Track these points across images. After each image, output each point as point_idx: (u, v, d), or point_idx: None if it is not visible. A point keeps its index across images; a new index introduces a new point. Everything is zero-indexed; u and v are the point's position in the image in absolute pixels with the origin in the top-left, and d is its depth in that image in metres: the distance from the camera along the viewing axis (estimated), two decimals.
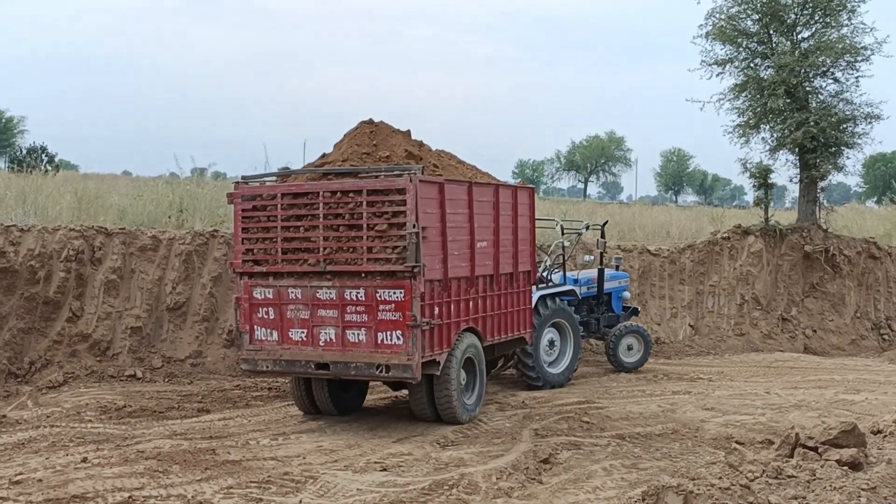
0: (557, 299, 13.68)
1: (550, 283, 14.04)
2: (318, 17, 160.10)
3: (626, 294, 15.71)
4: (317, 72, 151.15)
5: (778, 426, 10.70)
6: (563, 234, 14.64)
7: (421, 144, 11.44)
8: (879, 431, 8.95)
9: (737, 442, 10.14)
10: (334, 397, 11.09)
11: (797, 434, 7.21)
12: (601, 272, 15.13)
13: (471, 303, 10.79)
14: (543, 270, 14.22)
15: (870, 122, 19.31)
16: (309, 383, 10.96)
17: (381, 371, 9.86)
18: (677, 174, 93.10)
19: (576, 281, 14.75)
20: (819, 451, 7.01)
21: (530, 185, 13.11)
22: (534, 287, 12.97)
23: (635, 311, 15.83)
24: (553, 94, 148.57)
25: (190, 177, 19.63)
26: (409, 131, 11.44)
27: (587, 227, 15.32)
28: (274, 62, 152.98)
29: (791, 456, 7.23)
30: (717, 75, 20.15)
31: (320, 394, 11.03)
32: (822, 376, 14.72)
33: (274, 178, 10.89)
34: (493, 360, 12.99)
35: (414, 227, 9.59)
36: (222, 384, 13.10)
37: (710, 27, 19.88)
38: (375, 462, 8.85)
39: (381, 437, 10.03)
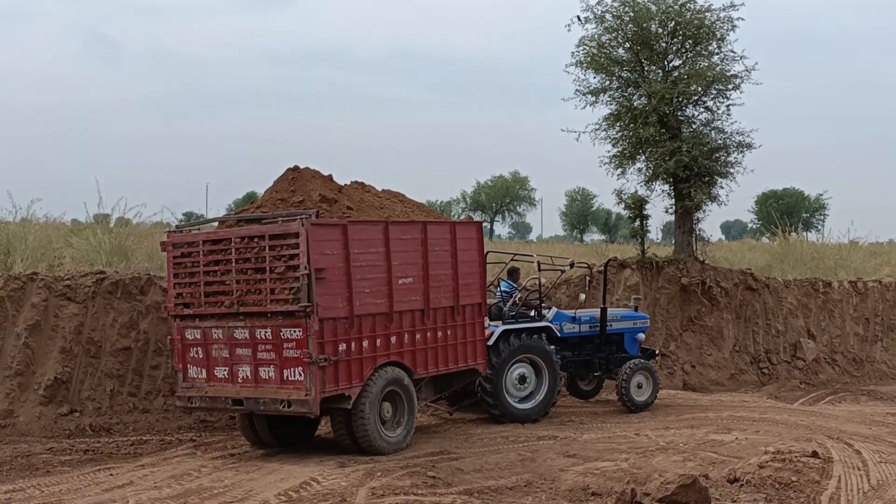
0: (532, 335, 13.56)
1: (525, 319, 13.87)
2: (224, 62, 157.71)
3: (641, 336, 15.33)
4: (224, 115, 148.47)
5: (639, 472, 9.97)
6: (539, 269, 14.39)
7: (341, 188, 11.88)
8: (736, 480, 8.18)
9: (592, 493, 9.30)
10: (274, 430, 11.50)
11: (633, 490, 6.31)
12: (604, 311, 14.85)
13: (392, 337, 11.14)
14: (513, 305, 14.02)
15: (741, 151, 19.02)
16: (251, 415, 11.35)
17: (283, 406, 10.36)
18: (582, 213, 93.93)
19: (573, 318, 14.59)
20: None
21: (476, 221, 13.27)
22: (499, 322, 13.39)
23: (653, 354, 15.52)
24: (460, 134, 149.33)
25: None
26: (330, 175, 11.91)
27: (572, 265, 15.08)
28: (178, 105, 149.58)
29: None
30: (591, 105, 19.63)
31: (261, 426, 11.48)
32: (696, 414, 14.10)
33: (198, 228, 11.86)
34: (455, 392, 13.24)
35: (305, 268, 10.06)
36: (33, 448, 11.59)
37: (582, 55, 19.37)
38: None
39: None
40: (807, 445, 10.93)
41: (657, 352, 16.01)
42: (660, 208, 20.10)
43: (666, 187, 19.25)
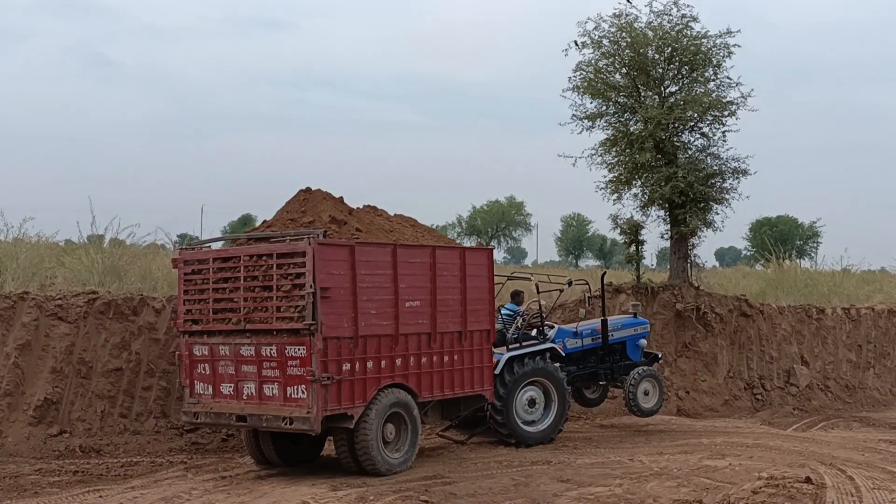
0: (537, 358, 13.58)
1: (527, 343, 13.80)
2: (222, 85, 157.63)
3: (643, 341, 15.40)
4: (221, 137, 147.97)
5: (633, 498, 9.94)
6: (538, 291, 14.45)
7: (351, 211, 12.11)
8: None
9: None
10: (279, 449, 11.62)
11: None
12: (605, 322, 14.95)
13: (397, 360, 11.23)
14: (515, 331, 13.96)
15: (737, 178, 19.04)
16: (256, 434, 11.45)
17: (286, 423, 10.46)
18: (577, 239, 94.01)
19: (575, 333, 14.68)
20: None
21: (487, 248, 13.22)
22: (503, 347, 13.35)
23: (656, 358, 15.58)
24: (455, 159, 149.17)
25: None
26: (341, 198, 12.20)
27: (570, 283, 15.15)
28: (175, 127, 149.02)
29: None
30: (588, 129, 19.64)
31: (265, 445, 11.57)
32: (690, 440, 14.02)
33: (209, 245, 12.07)
34: (466, 419, 13.31)
35: (311, 287, 10.19)
36: (21, 469, 11.49)
37: (579, 80, 19.41)
38: None
39: None
40: (800, 471, 10.89)
41: (660, 355, 15.99)
42: (655, 234, 20.01)
43: (661, 213, 19.20)
